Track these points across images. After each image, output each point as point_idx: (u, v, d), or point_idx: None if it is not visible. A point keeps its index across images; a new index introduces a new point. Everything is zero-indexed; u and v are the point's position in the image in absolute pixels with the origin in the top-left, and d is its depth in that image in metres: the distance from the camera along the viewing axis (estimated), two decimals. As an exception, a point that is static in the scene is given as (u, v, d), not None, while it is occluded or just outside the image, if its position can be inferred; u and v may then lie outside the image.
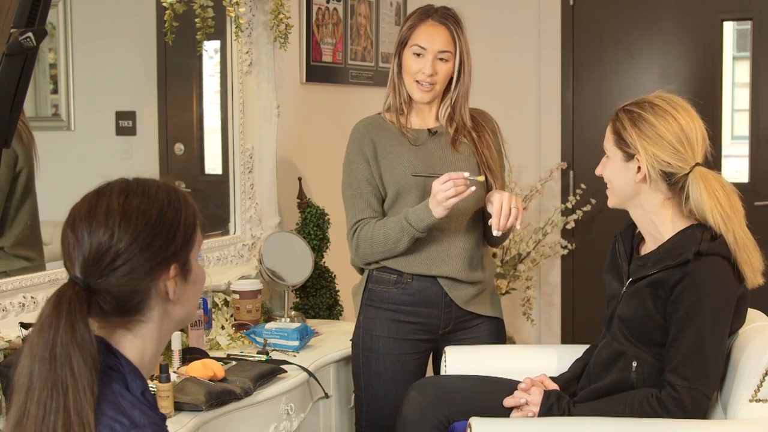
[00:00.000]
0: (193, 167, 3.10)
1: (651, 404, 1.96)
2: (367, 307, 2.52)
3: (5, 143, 1.69)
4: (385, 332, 2.48)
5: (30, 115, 2.40)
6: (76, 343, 1.19)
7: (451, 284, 2.47)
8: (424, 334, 2.49)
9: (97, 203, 1.27)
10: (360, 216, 2.48)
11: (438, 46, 2.43)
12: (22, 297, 2.25)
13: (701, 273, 1.95)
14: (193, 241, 1.35)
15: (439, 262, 2.45)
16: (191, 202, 1.36)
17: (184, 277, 1.32)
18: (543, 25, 4.30)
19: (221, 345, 2.59)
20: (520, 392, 2.17)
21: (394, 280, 2.48)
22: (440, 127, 2.52)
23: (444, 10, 2.48)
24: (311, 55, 3.38)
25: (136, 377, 1.27)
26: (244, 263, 3.03)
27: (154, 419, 1.24)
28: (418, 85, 2.45)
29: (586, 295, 4.33)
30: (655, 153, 2.00)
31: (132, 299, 1.27)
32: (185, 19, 2.70)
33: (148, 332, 1.31)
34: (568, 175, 4.31)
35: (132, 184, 1.31)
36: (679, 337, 1.95)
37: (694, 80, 4.15)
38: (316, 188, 3.36)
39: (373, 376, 2.49)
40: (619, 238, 2.21)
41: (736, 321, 2.02)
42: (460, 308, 2.48)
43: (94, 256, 1.25)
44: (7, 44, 1.60)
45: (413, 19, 2.48)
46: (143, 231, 1.26)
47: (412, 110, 2.53)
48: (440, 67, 2.44)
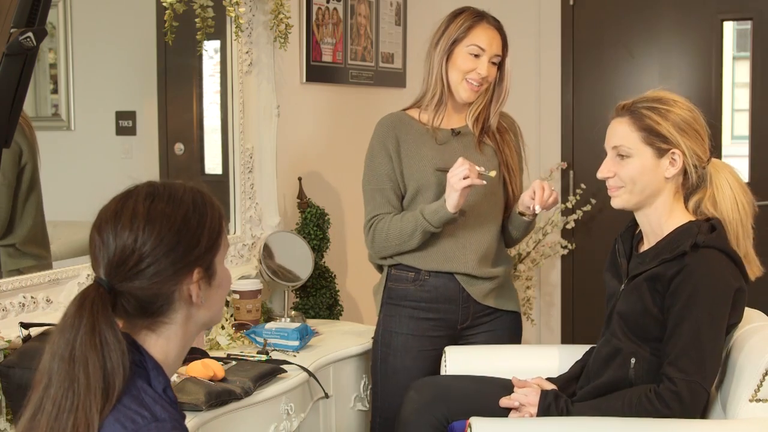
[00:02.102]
0: (193, 167, 3.10)
1: (649, 399, 1.96)
2: (387, 305, 2.56)
3: (5, 143, 1.69)
4: (404, 329, 2.52)
5: (30, 115, 2.40)
6: (94, 346, 1.21)
7: (468, 280, 2.50)
8: (443, 330, 2.52)
9: (123, 206, 1.29)
10: (378, 211, 2.51)
11: (495, 50, 2.49)
12: (22, 297, 2.25)
13: (698, 265, 1.96)
14: (218, 245, 1.36)
15: (454, 258, 2.49)
16: (218, 206, 1.38)
17: (208, 281, 1.34)
18: (543, 25, 4.30)
19: (221, 345, 2.59)
20: (516, 393, 2.18)
21: (411, 277, 2.52)
22: (464, 127, 2.55)
23: (490, 15, 2.54)
24: (311, 55, 3.38)
25: (159, 374, 1.29)
26: (244, 263, 3.03)
27: (175, 416, 1.26)
28: (468, 85, 2.48)
29: (586, 295, 4.33)
30: (690, 145, 2.02)
31: (155, 302, 1.29)
32: (185, 19, 2.70)
33: (172, 334, 1.33)
34: (568, 175, 4.31)
35: (158, 187, 1.33)
36: (676, 330, 1.96)
37: (694, 80, 4.15)
38: (316, 188, 3.36)
39: (389, 372, 2.53)
40: (619, 239, 2.21)
41: (734, 315, 2.02)
42: (478, 303, 2.52)
43: (118, 259, 1.27)
44: (7, 44, 1.60)
45: (467, 18, 2.50)
46: (167, 235, 1.28)
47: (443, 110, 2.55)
48: (491, 71, 2.50)
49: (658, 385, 1.97)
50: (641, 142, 2.05)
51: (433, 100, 2.53)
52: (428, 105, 2.54)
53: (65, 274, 2.35)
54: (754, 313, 2.15)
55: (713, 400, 2.06)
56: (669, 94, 2.07)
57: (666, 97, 2.07)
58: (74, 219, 2.42)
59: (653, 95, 2.08)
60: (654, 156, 2.04)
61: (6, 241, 2.32)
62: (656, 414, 1.95)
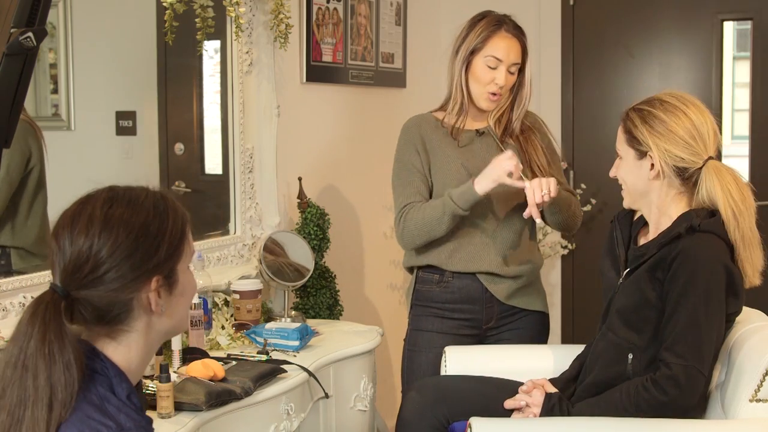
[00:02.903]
0: (193, 167, 3.10)
1: (646, 387, 1.97)
2: (416, 306, 2.61)
3: (5, 143, 1.69)
4: (429, 326, 2.56)
5: (30, 115, 2.40)
6: (44, 355, 1.17)
7: (491, 279, 2.52)
8: (469, 329, 2.56)
9: (81, 211, 1.25)
10: (409, 200, 2.54)
11: (512, 59, 2.51)
12: (22, 297, 2.25)
13: (694, 249, 1.96)
14: (180, 252, 1.31)
15: (477, 258, 2.51)
16: (181, 211, 1.32)
17: (169, 289, 1.30)
18: (543, 25, 4.30)
19: (221, 345, 2.59)
20: (521, 394, 2.17)
21: (436, 279, 2.56)
22: (488, 127, 2.57)
23: (511, 20, 2.54)
24: (311, 55, 3.38)
25: (122, 381, 1.26)
26: (244, 263, 3.03)
27: (140, 422, 1.23)
28: (489, 95, 2.51)
29: (586, 295, 4.32)
30: (667, 148, 2.02)
31: (112, 309, 1.25)
32: (185, 19, 2.70)
33: (132, 342, 1.29)
34: (568, 175, 4.30)
35: (118, 192, 1.28)
36: (674, 315, 1.97)
37: (694, 80, 4.14)
38: (316, 188, 3.36)
39: (415, 370, 2.56)
40: (617, 224, 2.21)
41: (735, 304, 2.02)
42: (502, 303, 2.54)
43: (73, 265, 1.23)
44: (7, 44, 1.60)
45: (485, 27, 2.51)
46: (125, 241, 1.24)
47: (467, 114, 2.58)
48: (509, 79, 2.52)
49: (654, 372, 1.98)
50: (625, 144, 2.11)
51: (455, 107, 2.56)
52: (451, 110, 2.58)
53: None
54: (754, 313, 2.15)
55: (713, 400, 2.06)
56: (676, 97, 2.06)
57: (668, 99, 2.06)
58: (74, 219, 2.42)
59: (660, 97, 2.08)
60: (635, 158, 2.08)
61: (17, 243, 2.32)
62: (654, 401, 1.95)
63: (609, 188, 3.50)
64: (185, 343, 2.43)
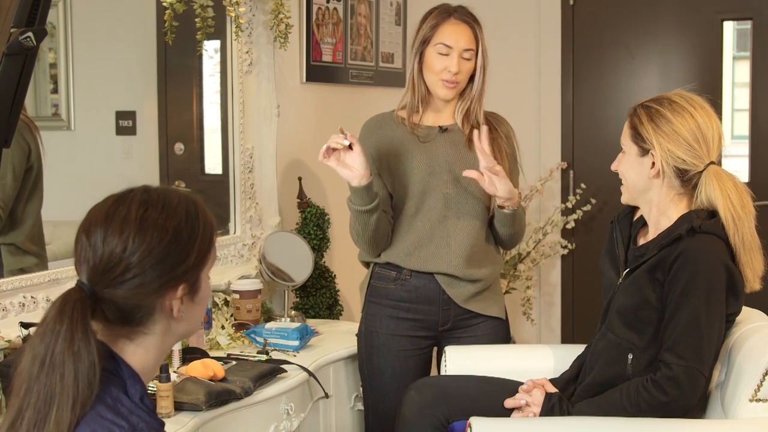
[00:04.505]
0: (193, 167, 3.10)
1: (646, 388, 1.96)
2: (369, 303, 2.54)
3: (5, 143, 1.69)
4: (384, 329, 2.50)
5: (30, 115, 2.40)
6: (72, 353, 1.18)
7: (449, 281, 2.47)
8: (423, 330, 2.50)
9: (116, 211, 1.25)
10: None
11: (463, 45, 2.45)
12: (22, 297, 2.25)
13: (695, 250, 1.96)
14: (207, 259, 1.32)
15: (436, 258, 2.46)
16: (210, 217, 1.33)
17: (191, 296, 1.31)
18: (543, 25, 4.30)
19: (221, 345, 2.59)
20: (521, 393, 2.17)
21: (393, 276, 2.50)
22: (453, 125, 2.53)
23: (463, 8, 2.50)
24: (311, 54, 3.38)
25: (135, 382, 1.26)
26: (244, 263, 3.03)
27: (153, 424, 1.23)
28: (443, 83, 2.46)
29: (586, 295, 4.33)
30: (670, 149, 2.02)
31: (136, 312, 1.26)
32: (185, 19, 2.70)
33: (150, 344, 1.29)
34: (568, 175, 4.31)
35: (153, 195, 1.28)
36: (675, 316, 1.96)
37: (694, 80, 4.12)
38: (316, 188, 3.36)
39: (375, 372, 2.52)
40: (617, 225, 2.21)
41: (734, 304, 2.02)
42: (459, 306, 2.49)
43: (104, 266, 1.23)
44: (7, 44, 1.60)
45: (434, 17, 2.49)
46: (157, 247, 1.24)
47: (429, 108, 2.54)
48: (464, 66, 2.46)
49: (655, 372, 1.98)
50: (630, 139, 2.10)
51: (413, 101, 2.52)
52: (407, 105, 2.54)
53: (65, 274, 2.34)
54: (754, 313, 2.15)
55: (713, 400, 2.06)
56: (686, 98, 2.05)
57: (677, 99, 2.05)
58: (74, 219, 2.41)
59: (669, 96, 2.08)
60: (638, 154, 2.08)
61: (7, 240, 2.32)
62: (655, 401, 1.95)
63: (609, 188, 3.50)
64: (185, 343, 2.43)
